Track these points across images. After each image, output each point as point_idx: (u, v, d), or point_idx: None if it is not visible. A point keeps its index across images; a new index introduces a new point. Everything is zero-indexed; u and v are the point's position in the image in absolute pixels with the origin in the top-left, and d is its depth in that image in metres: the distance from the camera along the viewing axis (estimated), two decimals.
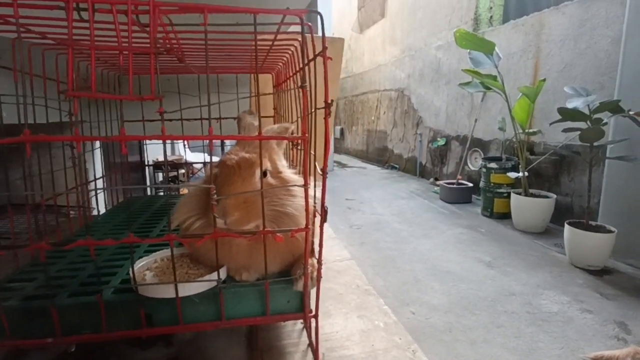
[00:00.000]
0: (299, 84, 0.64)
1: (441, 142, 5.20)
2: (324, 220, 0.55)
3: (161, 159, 3.35)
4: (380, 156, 7.45)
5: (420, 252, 2.91)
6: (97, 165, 1.63)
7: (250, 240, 0.54)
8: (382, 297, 2.21)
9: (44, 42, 0.59)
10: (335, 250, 0.97)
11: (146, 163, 3.04)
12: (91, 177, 1.31)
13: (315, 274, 0.56)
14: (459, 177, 4.59)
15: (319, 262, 0.55)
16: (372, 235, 3.30)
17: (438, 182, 4.77)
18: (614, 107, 2.47)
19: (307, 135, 0.50)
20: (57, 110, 0.79)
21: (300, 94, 0.69)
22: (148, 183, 2.77)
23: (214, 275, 0.52)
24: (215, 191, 0.53)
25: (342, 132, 9.50)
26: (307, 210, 0.51)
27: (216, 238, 0.49)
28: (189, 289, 0.52)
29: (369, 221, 3.70)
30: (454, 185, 4.42)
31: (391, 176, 6.18)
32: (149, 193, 2.79)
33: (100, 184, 1.28)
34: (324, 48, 0.48)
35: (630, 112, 2.44)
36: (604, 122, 2.56)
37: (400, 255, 2.84)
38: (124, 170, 1.41)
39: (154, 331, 0.50)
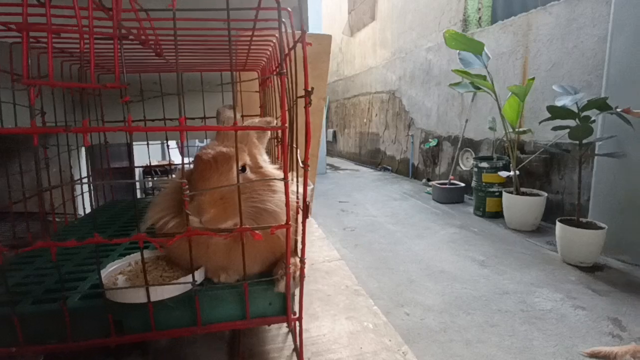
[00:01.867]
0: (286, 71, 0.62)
1: (433, 143, 5.21)
2: (305, 216, 0.52)
3: (151, 163, 3.29)
4: (373, 158, 7.45)
5: (414, 252, 2.89)
6: (82, 170, 1.58)
7: (227, 239, 0.51)
8: (376, 298, 2.20)
9: (7, 35, 0.56)
10: (324, 251, 0.94)
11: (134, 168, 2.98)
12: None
13: (298, 273, 0.53)
14: (451, 177, 4.60)
15: (302, 260, 0.52)
16: (365, 237, 3.28)
17: (430, 183, 4.77)
18: (602, 105, 2.48)
19: (286, 125, 0.47)
20: (28, 117, 0.75)
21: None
22: (137, 188, 2.71)
23: (189, 278, 0.49)
24: (188, 187, 0.49)
25: (334, 135, 9.49)
26: (287, 205, 0.48)
27: (190, 237, 0.46)
28: (162, 293, 0.48)
29: (363, 223, 3.68)
30: (447, 186, 4.42)
31: (384, 178, 6.17)
32: (139, 196, 2.74)
33: (79, 188, 1.24)
34: (303, 32, 0.45)
35: (618, 109, 2.45)
36: (592, 119, 2.58)
37: (394, 256, 2.82)
38: (105, 175, 1.36)
39: (124, 339, 0.47)
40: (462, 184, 4.42)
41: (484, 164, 3.71)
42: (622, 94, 2.57)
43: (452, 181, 4.53)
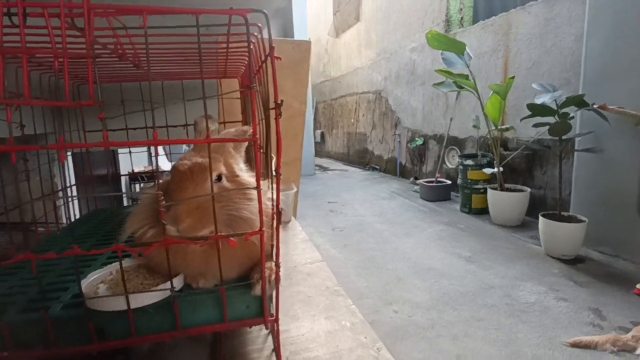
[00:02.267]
0: (256, 85, 0.64)
1: (419, 141, 5.28)
2: (278, 222, 0.54)
3: (137, 170, 3.28)
4: (361, 158, 7.50)
5: (402, 251, 2.93)
6: (66, 179, 1.58)
7: (204, 247, 0.53)
8: (365, 297, 2.23)
9: None
10: (307, 253, 0.97)
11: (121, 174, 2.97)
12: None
13: (273, 277, 0.55)
14: (437, 175, 4.66)
15: (277, 264, 0.55)
16: (354, 236, 3.31)
17: (418, 181, 4.83)
18: (579, 101, 2.56)
19: (257, 136, 0.49)
20: (6, 126, 0.76)
21: (260, 95, 0.68)
22: (125, 195, 2.69)
23: (168, 284, 0.51)
24: (164, 197, 0.51)
25: (322, 135, 9.52)
26: (260, 212, 0.50)
27: (167, 246, 0.48)
28: (141, 300, 0.50)
29: (351, 223, 3.71)
30: (433, 184, 4.48)
31: (372, 177, 6.23)
32: (126, 203, 2.72)
33: (60, 199, 1.24)
34: (272, 48, 0.47)
35: (594, 106, 2.53)
36: (570, 116, 2.65)
37: (383, 255, 2.85)
38: (88, 184, 1.36)
39: (106, 346, 0.49)
40: (449, 182, 4.48)
41: (469, 162, 3.77)
42: (599, 91, 2.65)
43: (438, 179, 4.60)
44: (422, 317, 1.99)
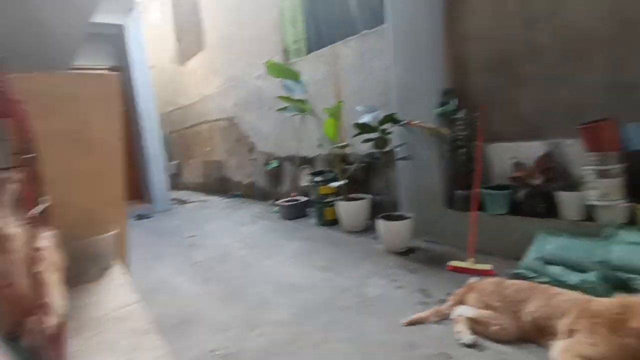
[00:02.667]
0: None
1: (274, 164, 5.48)
2: (41, 269, 0.49)
3: None
4: (220, 186, 7.32)
5: (265, 273, 2.95)
6: None
7: None
8: (230, 329, 2.15)
9: None
10: (122, 298, 0.89)
11: None
12: None
13: (44, 328, 0.49)
14: (292, 194, 4.90)
15: (46, 314, 0.49)
16: (216, 268, 3.18)
17: (277, 202, 4.97)
18: (391, 119, 3.09)
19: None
20: None
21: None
22: None
23: None
24: None
25: (178, 166, 8.96)
26: (13, 263, 0.45)
27: None
28: None
29: (214, 254, 3.56)
30: (290, 203, 4.69)
31: (233, 204, 6.13)
32: None
33: None
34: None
35: (402, 123, 3.09)
36: (389, 131, 3.17)
37: (246, 282, 2.81)
38: None
39: None
40: (305, 198, 4.75)
41: (319, 178, 4.09)
42: (405, 110, 3.24)
43: (294, 197, 4.83)
44: (285, 334, 2.03)
